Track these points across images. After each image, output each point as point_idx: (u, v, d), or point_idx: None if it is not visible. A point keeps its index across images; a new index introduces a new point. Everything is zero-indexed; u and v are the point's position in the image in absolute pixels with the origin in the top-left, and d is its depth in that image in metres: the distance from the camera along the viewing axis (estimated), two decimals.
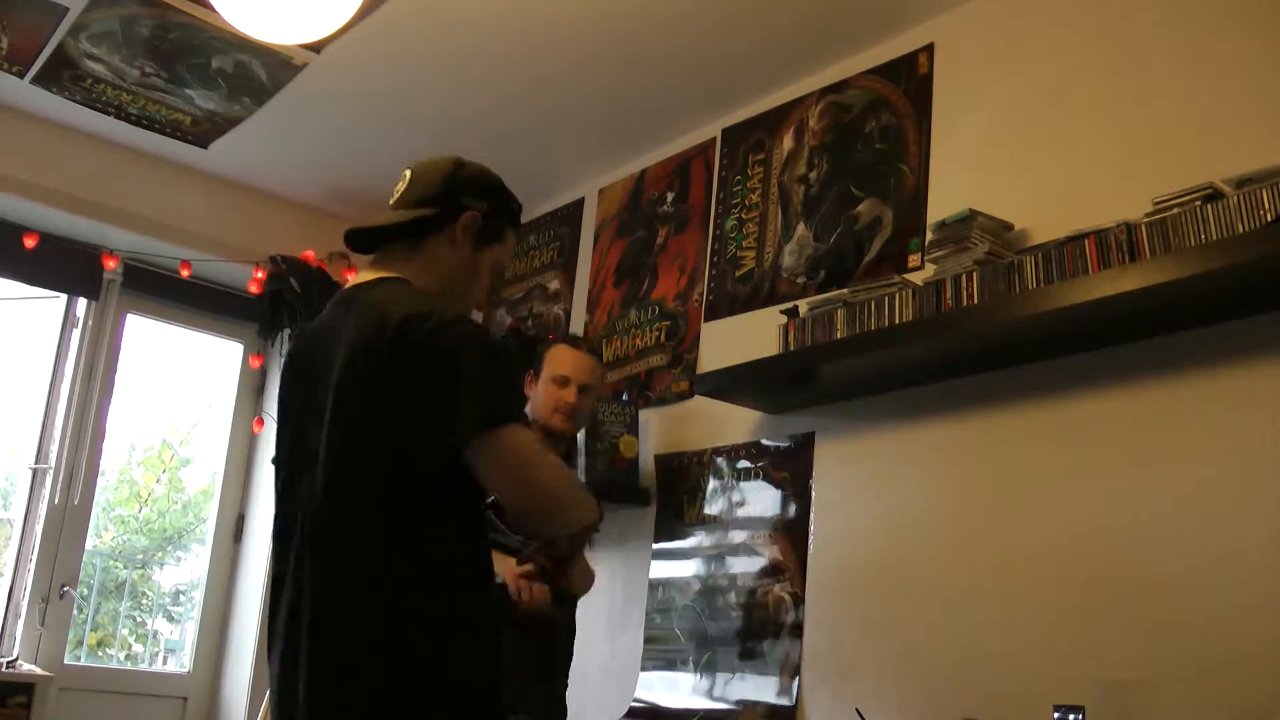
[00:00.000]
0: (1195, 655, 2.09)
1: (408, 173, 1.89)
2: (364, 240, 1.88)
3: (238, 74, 3.51)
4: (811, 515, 2.92)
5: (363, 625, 1.58)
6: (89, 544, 4.07)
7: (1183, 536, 2.16)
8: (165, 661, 4.40)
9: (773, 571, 2.97)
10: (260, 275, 4.22)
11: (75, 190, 3.96)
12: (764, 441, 3.12)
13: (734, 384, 2.97)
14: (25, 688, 3.44)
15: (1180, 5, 2.46)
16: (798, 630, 2.84)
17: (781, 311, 2.94)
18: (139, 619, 4.45)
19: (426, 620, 1.59)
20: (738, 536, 3.10)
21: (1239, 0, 2.37)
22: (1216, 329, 2.20)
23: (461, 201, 1.84)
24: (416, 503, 1.63)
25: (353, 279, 1.87)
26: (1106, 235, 2.23)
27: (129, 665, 4.32)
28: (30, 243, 3.92)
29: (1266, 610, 2.01)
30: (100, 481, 4.15)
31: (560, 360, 2.73)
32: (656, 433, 3.46)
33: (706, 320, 3.43)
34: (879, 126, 3.07)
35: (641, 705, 3.19)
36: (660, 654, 3.21)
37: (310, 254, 4.30)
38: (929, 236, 2.68)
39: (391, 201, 1.88)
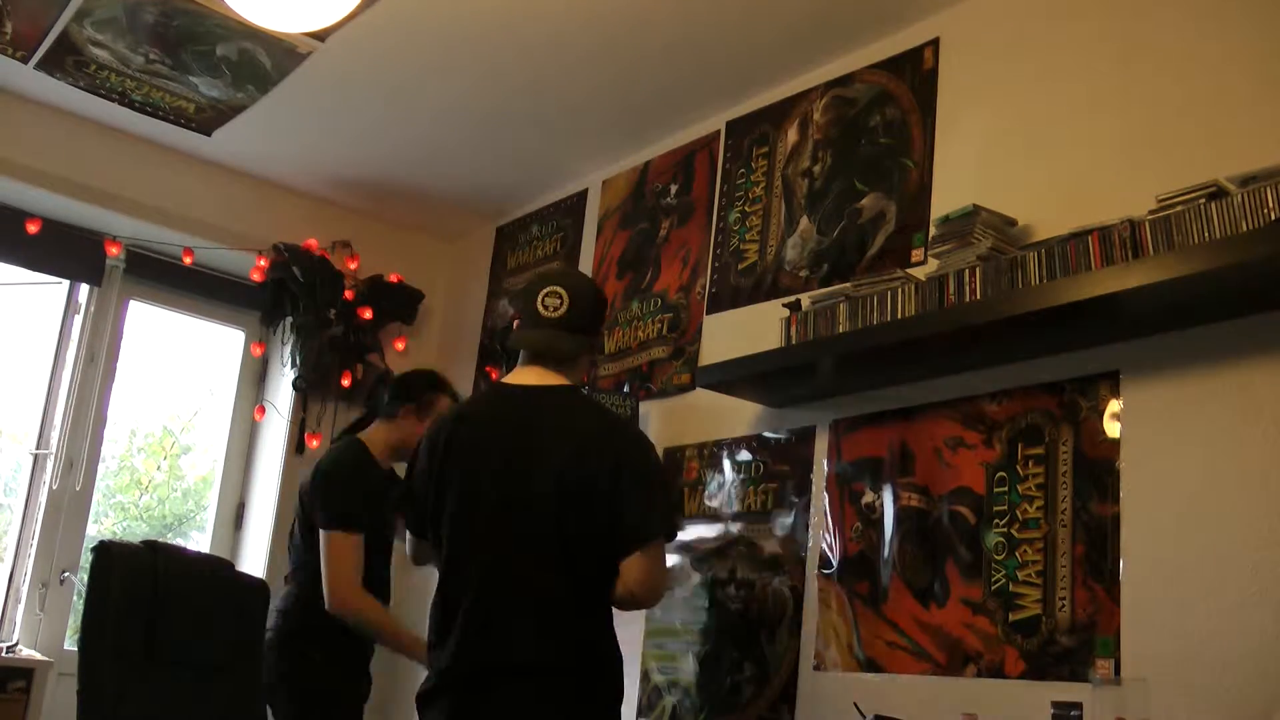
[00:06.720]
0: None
1: (564, 292, 2.22)
2: (535, 342, 2.26)
3: (242, 61, 3.51)
4: (812, 508, 2.92)
5: None
6: (89, 530, 4.08)
7: None
8: None
9: (772, 565, 2.97)
10: (263, 263, 4.23)
11: (78, 176, 3.96)
12: (765, 434, 3.12)
13: (735, 377, 2.97)
14: (25, 673, 3.45)
15: (1186, 3, 2.45)
16: (796, 625, 2.85)
17: (784, 305, 2.93)
18: None
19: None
20: (738, 529, 3.11)
21: None
22: (1218, 327, 2.20)
23: (599, 331, 2.34)
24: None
25: (521, 379, 2.25)
26: (1110, 232, 2.23)
27: None
28: (33, 228, 3.93)
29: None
30: (101, 468, 4.16)
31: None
32: (657, 425, 3.46)
33: (709, 313, 3.43)
34: (883, 121, 3.06)
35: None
36: (660, 646, 3.22)
37: (313, 242, 4.30)
38: (932, 231, 2.67)
39: (549, 315, 2.22)
